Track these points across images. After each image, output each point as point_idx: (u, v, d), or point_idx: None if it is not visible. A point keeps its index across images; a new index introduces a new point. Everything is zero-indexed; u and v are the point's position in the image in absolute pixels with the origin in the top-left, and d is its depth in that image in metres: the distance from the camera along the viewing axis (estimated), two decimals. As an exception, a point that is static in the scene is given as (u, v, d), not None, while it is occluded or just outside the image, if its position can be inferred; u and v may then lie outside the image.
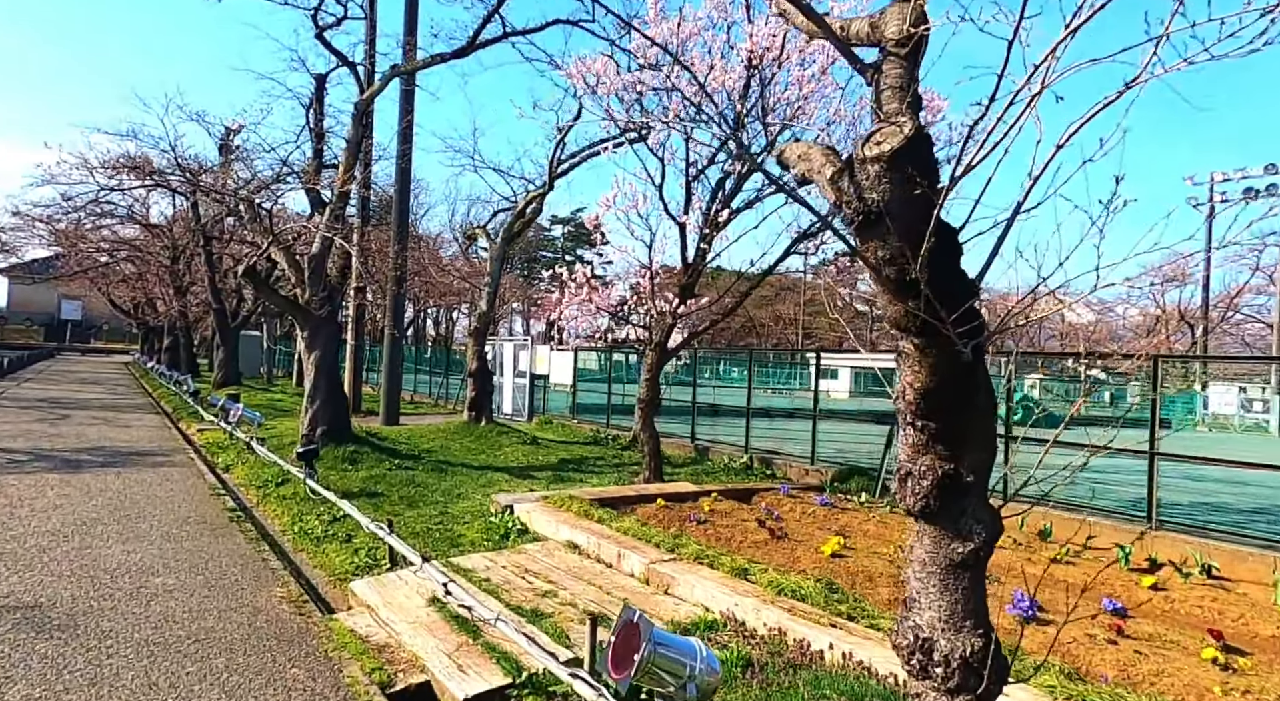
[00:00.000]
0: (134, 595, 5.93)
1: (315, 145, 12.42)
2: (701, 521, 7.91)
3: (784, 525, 8.01)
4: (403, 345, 20.10)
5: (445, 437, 14.56)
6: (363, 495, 9.71)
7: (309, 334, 11.91)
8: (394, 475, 10.88)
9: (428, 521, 8.47)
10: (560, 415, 18.84)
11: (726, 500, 9.31)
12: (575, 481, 11.09)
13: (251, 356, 36.31)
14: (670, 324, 10.24)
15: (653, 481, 10.43)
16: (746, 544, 7.16)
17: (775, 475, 11.79)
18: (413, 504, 9.41)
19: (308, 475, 9.52)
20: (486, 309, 15.02)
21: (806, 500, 9.58)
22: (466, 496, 9.95)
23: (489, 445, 14.01)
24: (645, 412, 10.51)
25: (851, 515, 8.82)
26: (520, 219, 14.87)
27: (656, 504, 8.70)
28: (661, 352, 10.42)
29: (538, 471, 11.95)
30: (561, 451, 13.97)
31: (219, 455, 13.21)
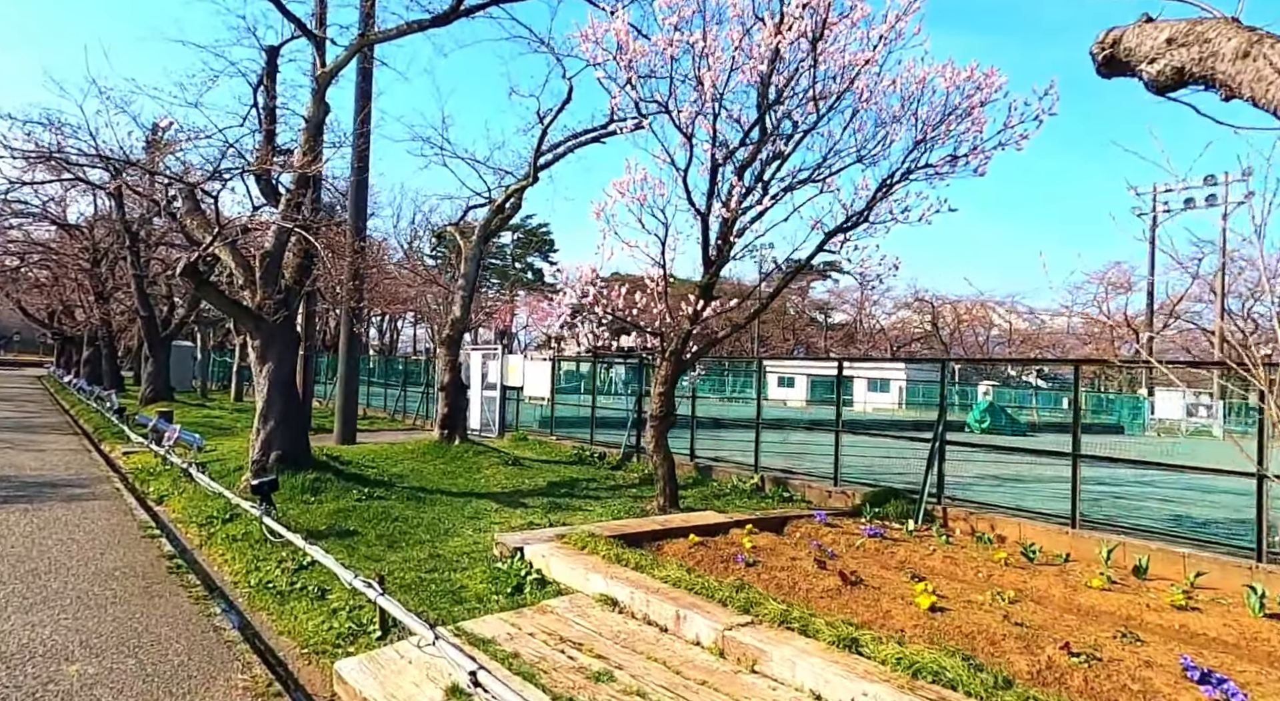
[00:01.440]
0: (39, 697, 4.38)
1: (267, 127, 10.80)
2: (751, 563, 6.67)
3: (845, 564, 6.83)
4: (360, 355, 18.35)
5: (416, 459, 12.98)
6: (331, 534, 8.17)
7: (261, 343, 10.27)
8: (366, 507, 9.33)
9: (417, 567, 7.01)
10: (535, 430, 17.38)
11: (762, 532, 8.10)
12: (575, 510, 9.73)
13: (183, 369, 33.65)
14: (689, 330, 9.00)
15: (669, 509, 9.15)
16: (817, 593, 5.95)
17: (794, 498, 10.64)
18: (394, 544, 7.92)
19: (265, 512, 7.95)
20: (460, 314, 13.53)
21: (849, 529, 8.43)
22: (456, 532, 8.49)
23: (466, 467, 12.51)
24: (658, 431, 9.24)
25: (908, 548, 7.70)
26: (499, 215, 13.45)
27: (689, 540, 7.43)
28: (677, 362, 9.17)
29: (528, 497, 10.54)
30: (547, 472, 12.56)
31: (150, 483, 11.41)
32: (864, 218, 8.65)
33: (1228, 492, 12.08)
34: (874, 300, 69.80)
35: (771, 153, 8.00)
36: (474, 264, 13.56)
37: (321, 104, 10.42)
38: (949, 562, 7.16)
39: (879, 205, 8.57)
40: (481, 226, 13.54)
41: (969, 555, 7.38)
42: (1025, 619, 5.38)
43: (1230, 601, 6.13)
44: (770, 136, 7.91)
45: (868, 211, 8.52)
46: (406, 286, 50.23)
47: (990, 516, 8.58)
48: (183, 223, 11.02)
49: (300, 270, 11.05)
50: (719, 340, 9.21)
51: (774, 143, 7.97)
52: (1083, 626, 5.34)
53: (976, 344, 66.82)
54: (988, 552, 7.53)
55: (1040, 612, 5.61)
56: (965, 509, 8.90)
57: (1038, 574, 6.81)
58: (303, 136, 10.53)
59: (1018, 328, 63.94)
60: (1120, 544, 7.23)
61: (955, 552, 7.51)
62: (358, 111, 13.39)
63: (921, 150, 8.07)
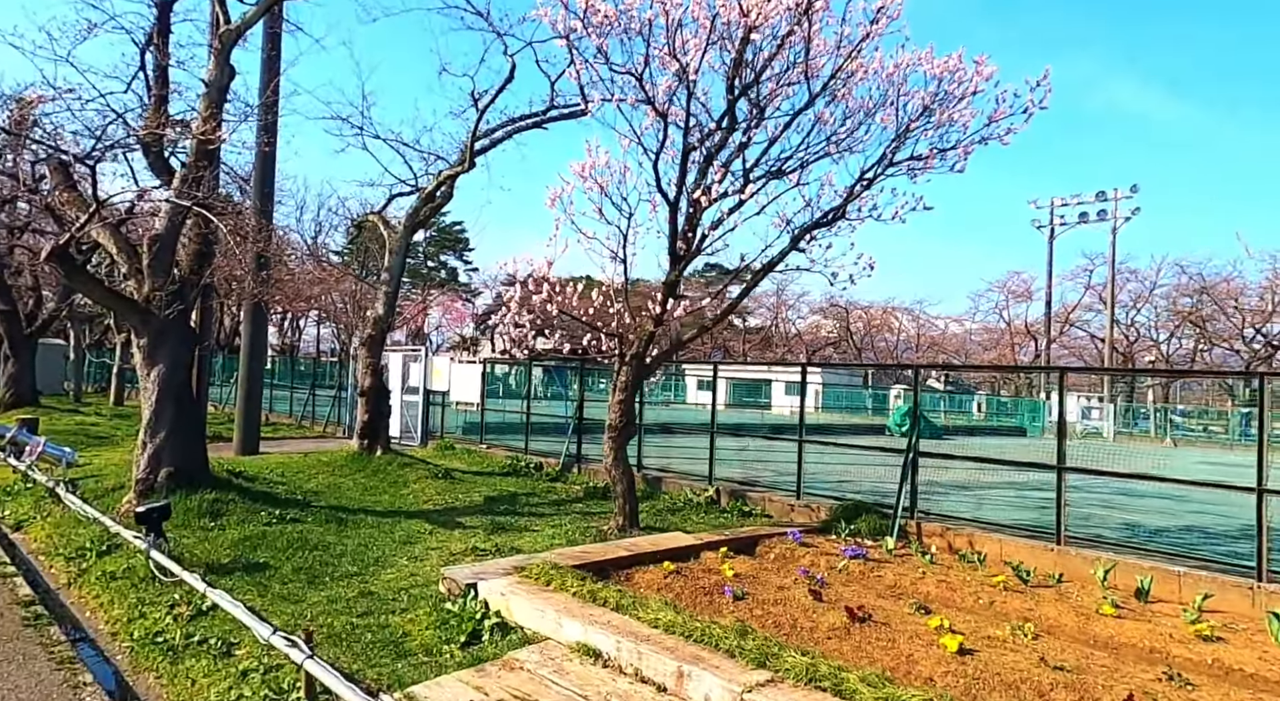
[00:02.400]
0: None
1: (158, 92, 9.28)
2: (740, 596, 5.91)
3: (836, 593, 6.17)
4: (266, 354, 16.64)
5: (333, 473, 11.60)
6: (238, 568, 6.90)
7: (149, 342, 8.79)
8: (278, 532, 8.05)
9: (346, 610, 5.90)
10: (461, 438, 16.14)
11: (737, 555, 7.36)
12: (521, 530, 8.73)
13: (53, 369, 30.28)
14: (651, 331, 8.17)
15: (629, 530, 8.28)
16: (823, 632, 5.23)
17: (753, 512, 9.97)
18: (315, 578, 6.74)
19: (153, 544, 6.62)
20: (384, 312, 12.21)
21: (826, 549, 7.80)
22: (388, 561, 7.37)
23: (391, 481, 11.25)
24: (616, 442, 8.37)
25: (894, 570, 7.12)
26: (429, 204, 12.22)
27: (662, 568, 6.60)
28: (639, 366, 8.33)
29: (464, 516, 9.46)
30: (482, 486, 11.46)
31: (6, 506, 9.69)
32: (840, 213, 8.05)
33: (1195, 501, 12.23)
34: (789, 305, 70.92)
35: (747, 139, 7.28)
36: (399, 257, 12.29)
37: (225, 66, 9.03)
38: (944, 587, 6.60)
39: (855, 200, 7.99)
40: (409, 215, 12.28)
41: (960, 578, 6.86)
42: (1058, 659, 4.82)
43: (1246, 627, 5.79)
44: (750, 120, 7.18)
45: (845, 206, 7.93)
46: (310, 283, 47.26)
47: (967, 532, 8.13)
48: (50, 202, 9.38)
49: (198, 258, 9.58)
50: (684, 343, 8.43)
51: (754, 127, 7.24)
52: (1119, 666, 4.82)
53: (886, 349, 68.85)
54: (978, 574, 7.03)
55: (1069, 650, 5.06)
56: (940, 524, 8.43)
57: (1039, 599, 6.33)
58: (202, 103, 9.10)
59: (926, 333, 66.21)
60: (1113, 563, 6.85)
61: (945, 575, 6.98)
62: (264, 79, 11.90)
63: (903, 142, 7.53)
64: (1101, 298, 51.84)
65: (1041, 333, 52.51)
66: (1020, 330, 56.87)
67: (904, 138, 7.34)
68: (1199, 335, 50.97)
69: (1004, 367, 62.59)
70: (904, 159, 7.62)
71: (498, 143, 12.27)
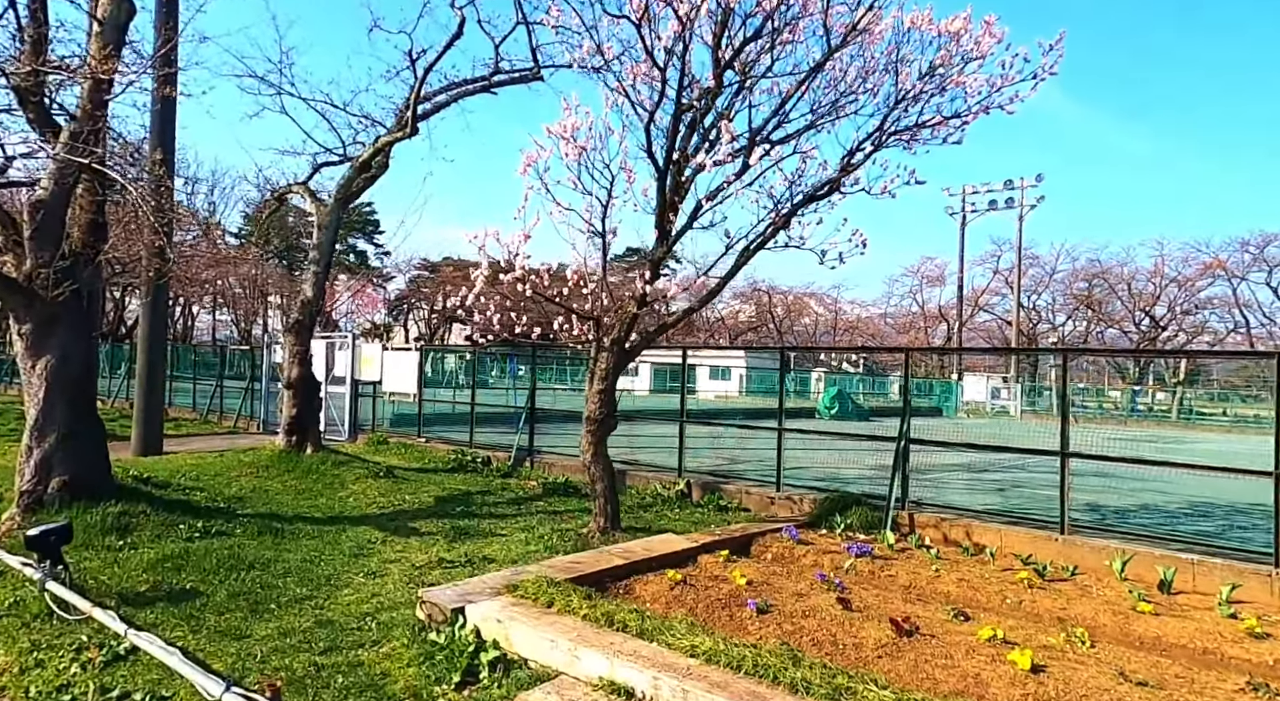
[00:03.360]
0: None
1: (35, 30, 7.76)
2: (764, 609, 5.28)
3: (858, 597, 5.63)
4: (167, 341, 14.91)
5: (257, 475, 10.31)
6: (159, 597, 5.77)
7: (35, 328, 7.39)
8: (203, 549, 6.89)
9: (305, 646, 4.93)
10: (394, 431, 14.93)
11: (738, 558, 6.75)
12: (487, 536, 7.85)
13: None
14: (634, 313, 7.40)
15: (611, 532, 7.53)
16: (870, 649, 4.66)
17: (730, 506, 9.40)
18: (258, 606, 5.69)
19: (50, 574, 5.45)
20: (313, 294, 10.91)
21: (826, 546, 7.28)
22: (342, 579, 6.37)
23: (327, 483, 10.08)
24: (596, 436, 7.59)
25: (903, 568, 6.66)
26: (363, 174, 10.95)
27: (666, 577, 5.90)
28: (621, 352, 7.55)
29: (418, 521, 8.48)
30: (429, 485, 10.44)
31: None
32: (835, 186, 7.49)
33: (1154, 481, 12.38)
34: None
35: (750, 97, 6.58)
36: (330, 233, 11.01)
37: (124, 1, 7.64)
38: (964, 587, 6.18)
39: (852, 171, 7.44)
40: (341, 187, 10.99)
41: (976, 575, 6.45)
42: (1132, 670, 4.40)
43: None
44: (753, 78, 6.47)
45: (841, 177, 7.36)
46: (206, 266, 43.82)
47: (964, 523, 7.78)
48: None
49: (92, 229, 8.15)
50: (669, 326, 7.71)
51: (755, 84, 6.54)
52: (1191, 675, 4.45)
53: (804, 333, 70.12)
54: (990, 569, 6.66)
55: (1135, 659, 4.66)
56: (935, 515, 8.06)
57: (1064, 595, 5.98)
58: (95, 45, 7.67)
59: (844, 317, 67.74)
60: (1131, 554, 6.60)
61: (958, 571, 6.56)
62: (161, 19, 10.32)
63: (909, 107, 7.01)
64: (1008, 282, 54.20)
65: (953, 316, 54.48)
66: (933, 314, 58.88)
67: (911, 102, 6.81)
68: (1095, 317, 54.03)
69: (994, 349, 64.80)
70: (907, 126, 7.10)
71: (441, 107, 11.14)
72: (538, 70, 10.80)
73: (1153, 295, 50.64)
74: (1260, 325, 50.44)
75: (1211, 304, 50.97)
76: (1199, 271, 48.16)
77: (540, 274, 7.25)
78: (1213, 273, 47.62)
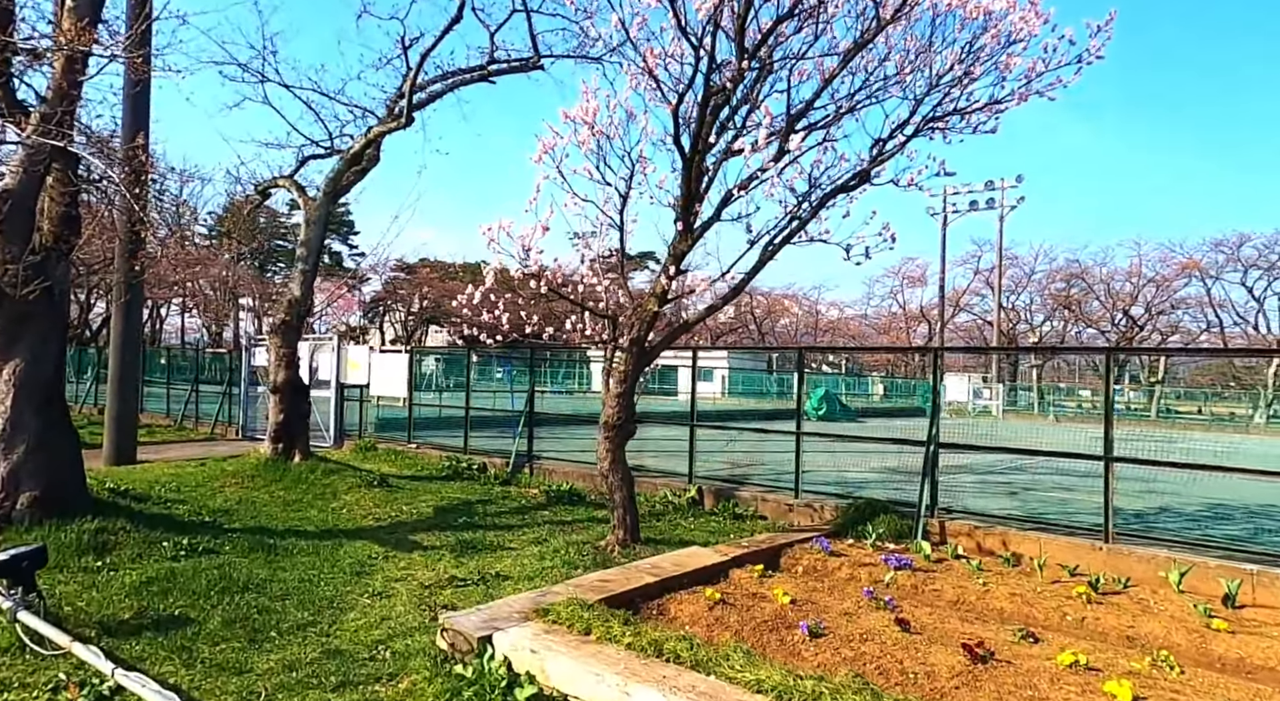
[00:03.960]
0: None
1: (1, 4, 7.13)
2: (817, 632, 4.85)
3: (919, 619, 5.23)
4: (141, 343, 14.16)
5: (243, 485, 9.69)
6: (146, 625, 5.21)
7: (3, 328, 6.76)
8: (190, 569, 6.31)
9: (316, 681, 4.42)
10: (383, 437, 14.32)
11: (772, 573, 6.34)
12: (496, 550, 7.35)
13: None
14: (655, 311, 6.95)
15: (631, 544, 7.07)
16: (944, 679, 4.26)
17: (746, 514, 8.98)
18: (257, 634, 5.15)
19: (22, 603, 4.88)
20: (300, 293, 10.30)
21: (859, 558, 6.88)
22: (345, 601, 5.84)
23: (318, 493, 9.50)
24: (614, 443, 7.13)
25: (948, 582, 6.28)
26: (354, 167, 10.36)
27: (703, 595, 5.46)
28: (640, 354, 7.10)
29: (418, 533, 7.95)
30: (426, 494, 9.89)
31: None
32: (866, 176, 7.12)
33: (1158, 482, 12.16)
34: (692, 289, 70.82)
35: (789, 81, 6.15)
36: (318, 228, 10.40)
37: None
38: (1018, 602, 5.80)
39: (882, 161, 7.07)
40: (330, 180, 10.39)
41: (1027, 588, 6.09)
42: (1235, 699, 4.04)
43: (1362, 633, 5.27)
44: (783, 59, 6.06)
45: (873, 167, 6.99)
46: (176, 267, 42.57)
47: (1000, 531, 7.43)
48: None
49: (65, 222, 7.52)
50: (691, 325, 7.27)
51: (794, 68, 6.12)
52: (1294, 698, 4.09)
53: (785, 333, 70.09)
54: (1038, 581, 6.30)
55: (1232, 687, 4.30)
56: (966, 522, 7.70)
57: (1124, 611, 5.63)
58: (68, 21, 7.06)
59: (825, 318, 67.79)
60: (1185, 564, 6.27)
61: (1007, 584, 6.19)
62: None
63: (948, 92, 6.64)
64: (988, 282, 54.52)
65: (934, 316, 54.67)
66: (914, 314, 59.08)
67: (954, 85, 6.44)
68: (1074, 317, 54.53)
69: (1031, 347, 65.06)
70: (944, 113, 6.73)
71: (437, 97, 10.60)
72: (538, 58, 10.31)
73: (1131, 295, 51.20)
74: (1234, 324, 51.28)
75: (1185, 303, 51.70)
76: (1176, 271, 48.78)
77: (555, 271, 6.79)
78: (1189, 273, 48.24)
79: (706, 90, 6.15)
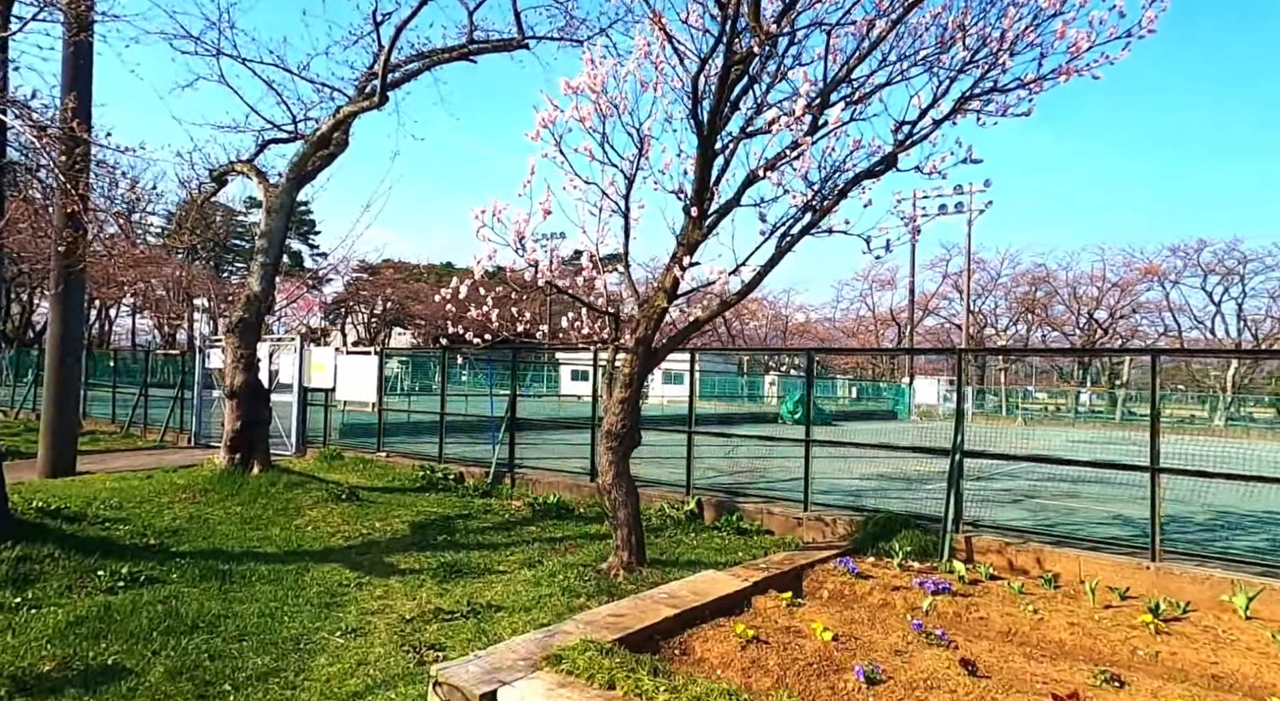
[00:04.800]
0: None
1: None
2: (874, 679, 4.18)
3: (983, 659, 4.59)
4: (83, 343, 13.02)
5: (194, 500, 8.71)
6: (70, 680, 4.33)
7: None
8: (129, 604, 5.41)
9: (279, 756, 3.60)
10: (350, 444, 13.36)
11: (800, 600, 5.66)
12: (483, 575, 6.56)
13: None
14: (663, 307, 6.24)
15: (637, 567, 6.34)
16: (1035, 733, 3.60)
17: (751, 529, 8.31)
18: (208, 688, 4.31)
19: (-87, 659, 3.97)
20: (261, 289, 9.32)
21: (891, 581, 6.24)
22: (315, 641, 5.01)
23: (280, 510, 8.58)
24: (617, 454, 6.39)
25: (993, 608, 5.67)
26: (321, 151, 9.42)
27: (733, 633, 4.75)
28: (647, 354, 6.38)
29: (394, 554, 7.12)
30: (400, 509, 9.03)
31: None
32: (893, 161, 6.52)
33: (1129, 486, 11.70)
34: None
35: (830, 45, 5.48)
36: (281, 218, 9.46)
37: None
38: (1078, 632, 5.20)
39: (908, 145, 6.47)
40: (294, 165, 9.45)
41: (1083, 615, 5.50)
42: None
43: None
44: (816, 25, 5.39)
45: (899, 151, 6.38)
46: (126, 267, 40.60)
47: (1033, 548, 6.85)
48: None
49: (-15, 203, 6.55)
50: (701, 323, 6.56)
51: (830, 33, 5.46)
52: None
53: (755, 335, 69.89)
54: (1088, 607, 5.73)
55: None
56: (996, 538, 7.11)
57: (1196, 643, 5.06)
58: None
59: (795, 321, 67.72)
60: (1254, 587, 5.74)
61: (1059, 611, 5.60)
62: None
63: (998, 62, 6.05)
64: (956, 286, 54.88)
65: (903, 319, 54.87)
66: (884, 317, 59.25)
67: (996, 57, 5.85)
68: (1039, 320, 55.16)
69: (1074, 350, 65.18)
70: (983, 92, 6.15)
71: (413, 76, 9.74)
72: (523, 37, 9.55)
73: (1095, 299, 51.94)
74: (1191, 328, 52.31)
75: (1145, 308, 52.57)
76: (1139, 275, 49.58)
77: (555, 263, 6.05)
78: (1151, 277, 49.07)
79: (728, 57, 5.45)
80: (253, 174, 9.78)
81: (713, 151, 5.81)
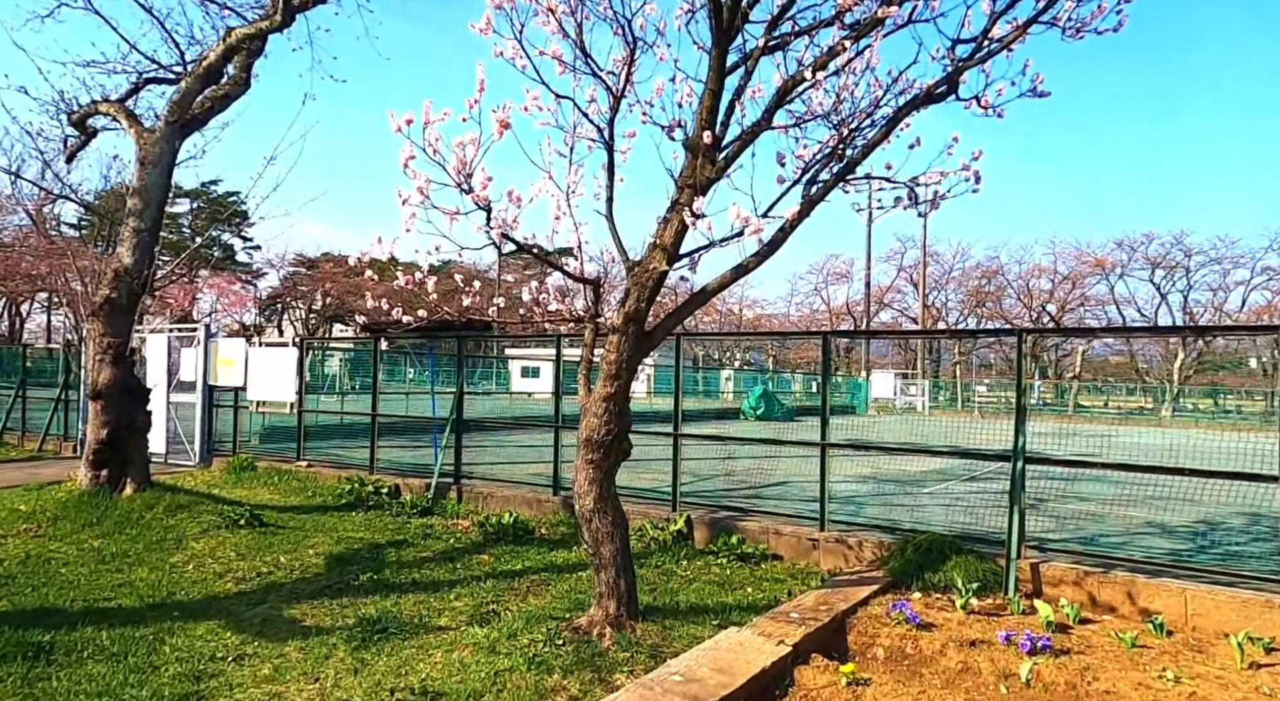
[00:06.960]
0: None
1: None
2: None
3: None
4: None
5: (39, 531, 6.71)
6: None
7: None
8: None
9: None
10: (267, 451, 11.37)
11: (862, 677, 4.11)
12: (418, 633, 4.84)
13: None
14: (663, 272, 4.62)
15: (628, 623, 4.69)
16: None
17: (755, 554, 6.75)
18: None
19: None
20: (132, 261, 7.28)
21: (962, 633, 4.74)
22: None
23: (154, 542, 6.66)
24: (601, 471, 4.74)
25: (1111, 672, 4.22)
26: (211, 87, 7.38)
27: (792, 747, 3.16)
28: (639, 336, 4.75)
29: (298, 604, 5.34)
30: (316, 535, 7.20)
31: None
32: (954, 86, 5.11)
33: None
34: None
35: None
36: (159, 172, 7.46)
37: None
38: (1246, 710, 3.78)
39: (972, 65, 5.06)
40: (176, 104, 7.42)
41: (1234, 680, 4.09)
42: None
43: None
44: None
45: (966, 67, 4.97)
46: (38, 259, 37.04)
47: (1123, 578, 5.45)
48: None
49: None
50: (710, 294, 4.94)
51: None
52: None
53: (712, 329, 68.76)
54: (1239, 668, 4.32)
55: None
56: (1072, 565, 5.70)
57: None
58: None
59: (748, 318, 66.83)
60: None
61: (1201, 675, 4.17)
62: None
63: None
64: (911, 280, 54.64)
65: (858, 313, 54.37)
66: (839, 311, 58.72)
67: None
68: (990, 314, 55.27)
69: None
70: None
71: (329, -4, 7.92)
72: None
73: (1048, 291, 52.20)
74: (1136, 321, 52.98)
75: (1089, 301, 53.05)
76: (1089, 268, 49.94)
77: (513, 211, 4.36)
78: (1100, 270, 49.48)
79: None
80: (122, 116, 7.75)
81: (728, 55, 4.20)
